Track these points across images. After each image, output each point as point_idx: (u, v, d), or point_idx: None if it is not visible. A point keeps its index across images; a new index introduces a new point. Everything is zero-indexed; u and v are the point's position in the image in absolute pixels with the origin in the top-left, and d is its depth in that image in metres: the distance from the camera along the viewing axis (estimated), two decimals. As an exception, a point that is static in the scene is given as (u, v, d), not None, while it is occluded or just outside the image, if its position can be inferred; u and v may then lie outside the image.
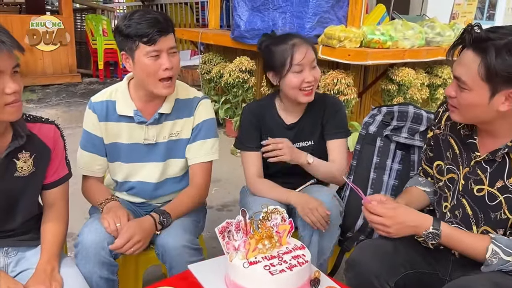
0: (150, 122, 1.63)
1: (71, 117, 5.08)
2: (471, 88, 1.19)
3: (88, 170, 1.69)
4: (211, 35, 4.82)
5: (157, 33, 1.46)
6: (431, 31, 4.00)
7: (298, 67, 1.68)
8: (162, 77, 1.52)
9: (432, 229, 1.28)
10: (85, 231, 1.49)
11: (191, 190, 1.69)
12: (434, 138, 1.50)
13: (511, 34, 1.15)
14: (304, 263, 1.21)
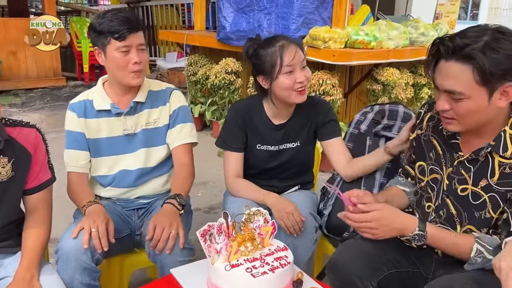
0: (126, 112, 1.71)
1: (56, 121, 5.02)
2: (469, 96, 1.17)
3: (73, 165, 1.72)
4: (197, 37, 4.80)
5: (127, 30, 1.58)
6: (415, 31, 4.04)
7: (288, 68, 1.66)
8: (132, 70, 1.63)
9: (418, 230, 1.28)
10: (66, 236, 1.47)
11: (184, 170, 1.75)
12: (416, 139, 1.50)
13: (481, 34, 1.15)
14: (287, 264, 1.20)
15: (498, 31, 1.15)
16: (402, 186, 1.56)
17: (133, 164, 1.75)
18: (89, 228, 1.45)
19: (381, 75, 3.70)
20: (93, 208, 1.56)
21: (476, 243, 1.24)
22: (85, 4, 14.03)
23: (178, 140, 1.77)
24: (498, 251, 1.20)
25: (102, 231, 1.46)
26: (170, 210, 1.55)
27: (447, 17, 5.40)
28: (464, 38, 1.15)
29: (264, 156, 1.82)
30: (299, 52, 1.69)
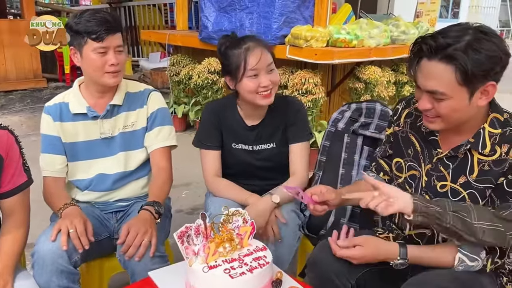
0: (103, 115, 1.68)
1: (36, 123, 4.92)
2: (450, 96, 1.18)
3: (49, 170, 1.68)
4: (179, 37, 4.77)
5: (105, 31, 1.54)
6: (396, 30, 4.07)
7: (252, 71, 1.64)
8: (108, 71, 1.60)
9: (400, 260, 1.31)
10: (42, 240, 1.44)
11: (162, 175, 1.72)
12: (393, 135, 1.50)
13: (463, 34, 1.15)
14: (265, 264, 1.19)
15: (480, 31, 1.16)
16: None
17: (111, 168, 1.72)
18: (66, 229, 1.43)
19: (363, 74, 3.72)
20: (69, 210, 1.53)
21: (459, 253, 1.26)
22: (66, 4, 13.82)
23: (155, 143, 1.74)
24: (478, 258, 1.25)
25: (80, 230, 1.44)
26: (147, 217, 1.52)
27: (428, 15, 5.47)
28: (447, 38, 1.15)
29: (241, 155, 1.81)
30: (266, 56, 1.66)
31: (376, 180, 1.28)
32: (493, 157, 1.24)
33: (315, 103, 3.56)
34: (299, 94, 3.53)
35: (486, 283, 1.28)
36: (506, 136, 1.23)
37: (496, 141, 1.24)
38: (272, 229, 1.65)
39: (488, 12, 20.50)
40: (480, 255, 1.25)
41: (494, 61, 1.14)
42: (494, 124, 1.25)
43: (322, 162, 1.93)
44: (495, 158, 1.24)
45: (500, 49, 1.15)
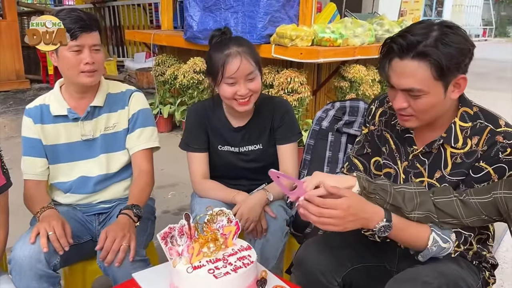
0: (84, 117, 1.67)
1: (19, 125, 4.77)
2: (427, 91, 1.19)
3: (30, 173, 1.67)
4: (164, 36, 4.73)
5: (79, 29, 1.53)
6: (380, 28, 4.11)
7: (230, 79, 1.61)
8: (83, 70, 1.57)
9: (385, 221, 1.21)
10: (19, 245, 1.42)
11: (143, 178, 1.70)
12: (370, 135, 1.50)
13: (429, 30, 1.17)
14: (250, 263, 1.19)
15: (445, 26, 1.18)
16: None
17: (93, 170, 1.71)
18: (45, 231, 1.41)
19: (348, 72, 3.75)
20: (47, 213, 1.52)
21: (433, 232, 1.26)
22: (50, 4, 13.63)
23: (137, 145, 1.73)
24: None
25: (59, 232, 1.42)
26: (125, 221, 1.50)
27: (412, 14, 5.53)
28: (415, 35, 1.16)
29: (228, 157, 1.80)
30: (246, 65, 1.60)
31: (342, 191, 1.19)
32: (464, 149, 1.27)
33: (300, 102, 3.57)
34: (284, 93, 3.53)
35: (469, 278, 1.30)
36: (477, 128, 1.26)
37: (467, 135, 1.27)
38: (260, 224, 1.64)
39: (471, 11, 20.80)
40: (451, 237, 1.26)
41: (464, 53, 1.18)
42: (464, 118, 1.28)
43: (307, 160, 1.93)
44: (466, 151, 1.26)
45: (468, 41, 1.19)
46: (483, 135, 1.24)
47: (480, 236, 1.37)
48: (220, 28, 1.71)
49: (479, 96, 1.28)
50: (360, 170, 1.51)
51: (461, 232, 1.27)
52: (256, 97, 1.69)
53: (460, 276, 1.27)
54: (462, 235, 1.27)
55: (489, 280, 1.40)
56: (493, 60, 12.44)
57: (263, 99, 1.77)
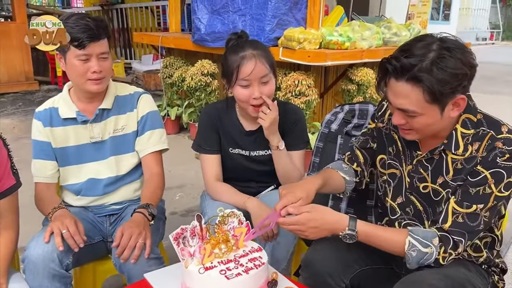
0: (92, 120, 1.68)
1: (28, 126, 4.82)
2: (421, 113, 1.20)
3: (41, 176, 1.68)
4: (172, 39, 4.77)
5: (87, 39, 1.53)
6: (388, 32, 4.11)
7: (244, 81, 1.62)
8: (90, 78, 1.59)
9: (348, 230, 1.27)
10: (32, 245, 1.44)
11: (154, 180, 1.72)
12: (377, 131, 1.51)
13: (426, 51, 1.16)
14: (261, 265, 1.20)
15: (444, 47, 1.16)
16: (344, 173, 1.53)
17: (102, 172, 1.72)
18: (59, 230, 1.43)
19: (355, 75, 3.75)
20: (59, 212, 1.54)
21: (409, 237, 1.26)
22: (58, 6, 13.75)
23: (147, 148, 1.74)
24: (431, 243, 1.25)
25: (73, 230, 1.44)
26: (140, 219, 1.52)
27: (419, 17, 5.52)
28: (410, 57, 1.16)
29: (238, 160, 1.81)
30: (260, 67, 1.62)
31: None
32: (464, 155, 1.27)
33: (308, 105, 3.58)
34: (292, 96, 3.54)
35: (477, 282, 1.30)
36: (479, 136, 1.26)
37: (468, 141, 1.27)
38: (271, 229, 1.64)
39: (479, 14, 20.72)
40: (433, 242, 1.25)
41: (459, 78, 1.16)
42: (467, 125, 1.27)
43: (316, 163, 1.94)
44: (466, 156, 1.27)
45: (465, 64, 1.16)
46: (484, 141, 1.24)
47: (486, 239, 1.37)
48: (237, 32, 1.74)
49: (485, 99, 1.28)
50: (359, 162, 1.54)
51: (449, 236, 1.25)
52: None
53: (467, 279, 1.27)
54: (451, 240, 1.25)
55: (498, 284, 1.40)
56: (500, 63, 12.38)
57: (277, 103, 1.77)
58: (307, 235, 1.29)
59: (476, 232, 1.27)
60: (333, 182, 1.49)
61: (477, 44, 18.50)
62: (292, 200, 1.30)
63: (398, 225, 1.43)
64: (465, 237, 1.26)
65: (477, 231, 1.27)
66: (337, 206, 1.82)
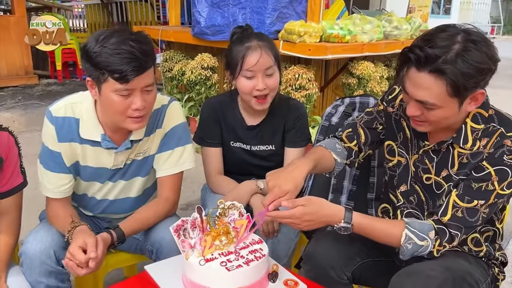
0: (120, 150, 1.48)
1: (28, 120, 4.89)
2: (440, 106, 1.17)
3: (56, 191, 1.48)
4: (172, 32, 4.75)
5: (132, 72, 1.26)
6: (389, 25, 4.09)
7: (249, 72, 1.61)
8: (131, 116, 1.35)
9: (344, 223, 1.26)
10: (29, 240, 1.41)
11: (158, 205, 1.55)
12: (386, 115, 1.48)
13: (451, 42, 1.12)
14: (261, 257, 1.20)
15: (469, 40, 1.12)
16: (336, 154, 1.49)
17: (110, 194, 1.60)
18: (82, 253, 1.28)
19: (356, 69, 3.74)
20: (80, 230, 1.37)
21: (406, 229, 1.25)
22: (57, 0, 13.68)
23: (163, 170, 1.55)
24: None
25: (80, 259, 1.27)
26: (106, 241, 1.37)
27: (420, 11, 5.49)
28: (435, 48, 1.12)
29: (239, 154, 1.81)
30: (266, 59, 1.61)
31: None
32: (472, 150, 1.25)
33: (308, 99, 3.57)
34: (292, 90, 3.53)
35: (477, 273, 1.30)
36: (489, 131, 1.24)
37: (478, 136, 1.25)
38: (272, 225, 1.64)
39: (480, 8, 20.65)
40: (429, 235, 1.25)
41: (484, 72, 1.13)
42: (477, 119, 1.26)
43: (316, 156, 1.93)
44: (473, 151, 1.25)
45: (490, 58, 1.13)
46: (493, 138, 1.23)
47: (487, 233, 1.37)
48: (242, 26, 1.73)
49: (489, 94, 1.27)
50: (360, 140, 1.51)
51: (446, 229, 1.25)
52: (273, 95, 1.68)
53: (467, 271, 1.27)
54: (447, 233, 1.25)
55: (499, 276, 1.40)
56: (503, 58, 12.20)
57: (279, 99, 1.76)
58: (302, 228, 1.28)
59: (474, 227, 1.26)
60: (323, 163, 1.45)
61: (478, 38, 18.40)
62: (279, 195, 1.26)
63: (400, 213, 1.43)
64: (462, 231, 1.25)
65: (474, 226, 1.26)
66: (337, 199, 1.82)
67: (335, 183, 1.81)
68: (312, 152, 1.47)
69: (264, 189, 1.70)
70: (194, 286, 1.17)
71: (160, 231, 1.49)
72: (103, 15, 8.72)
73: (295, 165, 1.33)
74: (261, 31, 3.63)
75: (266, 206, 1.26)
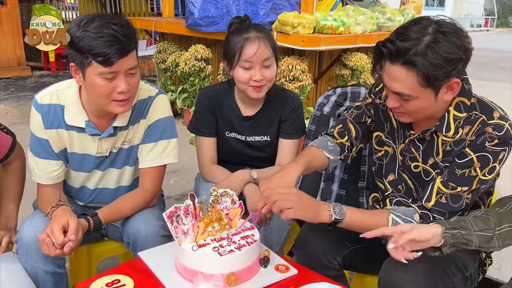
0: (103, 136, 1.50)
1: (22, 112, 4.87)
2: (416, 96, 1.21)
3: (47, 177, 1.52)
4: (165, 24, 4.73)
5: (115, 55, 1.27)
6: (382, 16, 4.09)
7: (246, 63, 1.61)
8: (116, 99, 1.36)
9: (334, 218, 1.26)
10: (24, 227, 1.43)
11: (137, 195, 1.55)
12: (374, 107, 1.52)
13: (422, 35, 1.16)
14: (253, 242, 1.22)
15: (439, 31, 1.16)
16: (328, 152, 1.51)
17: (101, 184, 1.62)
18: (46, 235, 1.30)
19: (349, 60, 3.75)
20: (58, 212, 1.39)
21: (392, 214, 1.29)
22: (49, -9, 13.52)
23: (144, 161, 1.57)
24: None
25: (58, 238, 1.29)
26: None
27: (413, 2, 5.51)
28: (406, 41, 1.16)
29: (234, 144, 1.82)
30: (263, 50, 1.62)
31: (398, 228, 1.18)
32: (454, 138, 1.29)
33: (302, 90, 3.58)
34: (286, 81, 3.54)
35: (465, 258, 1.34)
36: (471, 119, 1.27)
37: (460, 124, 1.28)
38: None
39: (474, 0, 20.67)
40: (414, 217, 1.28)
41: (454, 62, 1.16)
42: (460, 108, 1.29)
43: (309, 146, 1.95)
44: (456, 139, 1.28)
45: (460, 48, 1.16)
46: (475, 125, 1.26)
47: None
48: (240, 16, 1.73)
49: (481, 86, 1.29)
50: (351, 135, 1.54)
51: (430, 214, 1.28)
52: (270, 86, 1.69)
53: (455, 255, 1.30)
54: (431, 217, 1.28)
55: (486, 261, 1.44)
56: (495, 50, 12.41)
57: (275, 90, 1.77)
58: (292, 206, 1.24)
59: (457, 212, 1.29)
60: (316, 163, 1.48)
61: (471, 30, 18.49)
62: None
63: (389, 202, 1.46)
64: (445, 216, 1.29)
65: (458, 212, 1.29)
66: (329, 188, 1.84)
67: (323, 187, 1.83)
68: (304, 154, 1.50)
69: (257, 178, 1.72)
70: (187, 271, 1.19)
71: (136, 224, 1.49)
72: (95, 6, 8.64)
73: (285, 170, 1.36)
74: (254, 22, 3.65)
75: (259, 210, 1.29)
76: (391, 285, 1.22)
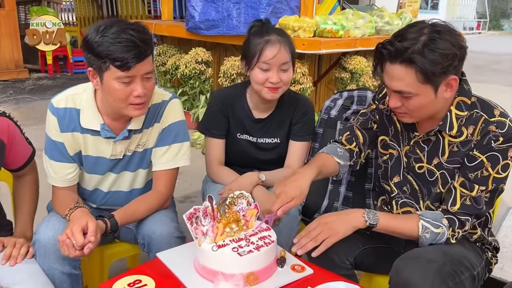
0: (118, 139, 1.53)
1: (21, 114, 4.85)
2: (416, 94, 1.27)
3: (62, 180, 1.54)
4: (165, 27, 4.76)
5: (133, 59, 1.31)
6: (380, 20, 4.16)
7: (265, 65, 1.64)
8: (132, 103, 1.40)
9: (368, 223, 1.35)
10: (42, 228, 1.45)
11: (151, 198, 1.59)
12: (378, 112, 1.57)
13: (418, 35, 1.23)
14: (271, 243, 1.25)
15: (434, 31, 1.23)
16: (338, 158, 1.56)
17: (114, 186, 1.64)
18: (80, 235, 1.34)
19: (349, 63, 3.81)
20: (76, 214, 1.43)
21: (421, 220, 1.34)
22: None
23: (158, 164, 1.60)
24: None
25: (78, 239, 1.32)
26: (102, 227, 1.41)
27: (410, 6, 5.58)
28: (403, 41, 1.24)
29: (244, 145, 1.85)
30: (283, 54, 1.65)
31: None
32: (460, 138, 1.34)
33: (302, 93, 3.62)
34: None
35: (472, 258, 1.38)
36: (473, 118, 1.33)
37: (462, 123, 1.34)
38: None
39: (466, 3, 20.90)
40: (443, 222, 1.33)
41: (450, 58, 1.23)
42: (461, 107, 1.35)
43: (316, 148, 1.98)
44: (462, 140, 1.34)
45: (454, 45, 1.23)
46: (478, 125, 1.31)
47: (481, 219, 1.45)
48: (261, 19, 1.77)
49: (476, 88, 1.33)
50: (359, 141, 1.59)
51: (455, 217, 1.33)
52: (285, 89, 1.73)
53: (463, 255, 1.35)
54: (456, 220, 1.33)
55: (492, 260, 1.48)
56: (488, 53, 12.56)
57: (289, 94, 1.80)
58: (331, 233, 1.33)
59: (483, 214, 1.35)
60: (327, 168, 1.53)
61: (464, 33, 18.65)
62: (286, 200, 1.34)
63: (395, 203, 1.50)
64: (472, 217, 1.34)
65: (483, 213, 1.35)
66: (336, 189, 1.88)
67: (331, 189, 1.87)
68: (315, 160, 1.55)
69: (266, 181, 1.76)
70: (206, 271, 1.22)
71: (151, 226, 1.52)
72: (92, 8, 8.65)
73: (299, 173, 1.42)
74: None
75: (274, 211, 1.33)
76: (403, 283, 1.26)
